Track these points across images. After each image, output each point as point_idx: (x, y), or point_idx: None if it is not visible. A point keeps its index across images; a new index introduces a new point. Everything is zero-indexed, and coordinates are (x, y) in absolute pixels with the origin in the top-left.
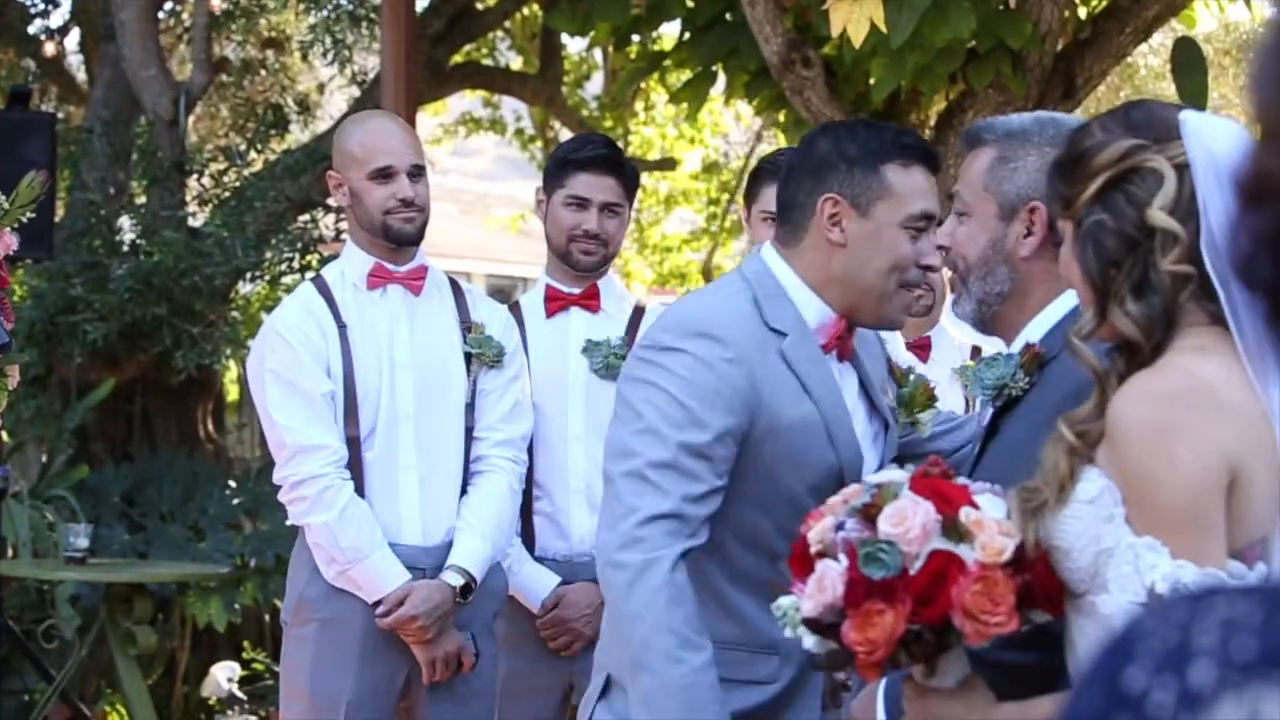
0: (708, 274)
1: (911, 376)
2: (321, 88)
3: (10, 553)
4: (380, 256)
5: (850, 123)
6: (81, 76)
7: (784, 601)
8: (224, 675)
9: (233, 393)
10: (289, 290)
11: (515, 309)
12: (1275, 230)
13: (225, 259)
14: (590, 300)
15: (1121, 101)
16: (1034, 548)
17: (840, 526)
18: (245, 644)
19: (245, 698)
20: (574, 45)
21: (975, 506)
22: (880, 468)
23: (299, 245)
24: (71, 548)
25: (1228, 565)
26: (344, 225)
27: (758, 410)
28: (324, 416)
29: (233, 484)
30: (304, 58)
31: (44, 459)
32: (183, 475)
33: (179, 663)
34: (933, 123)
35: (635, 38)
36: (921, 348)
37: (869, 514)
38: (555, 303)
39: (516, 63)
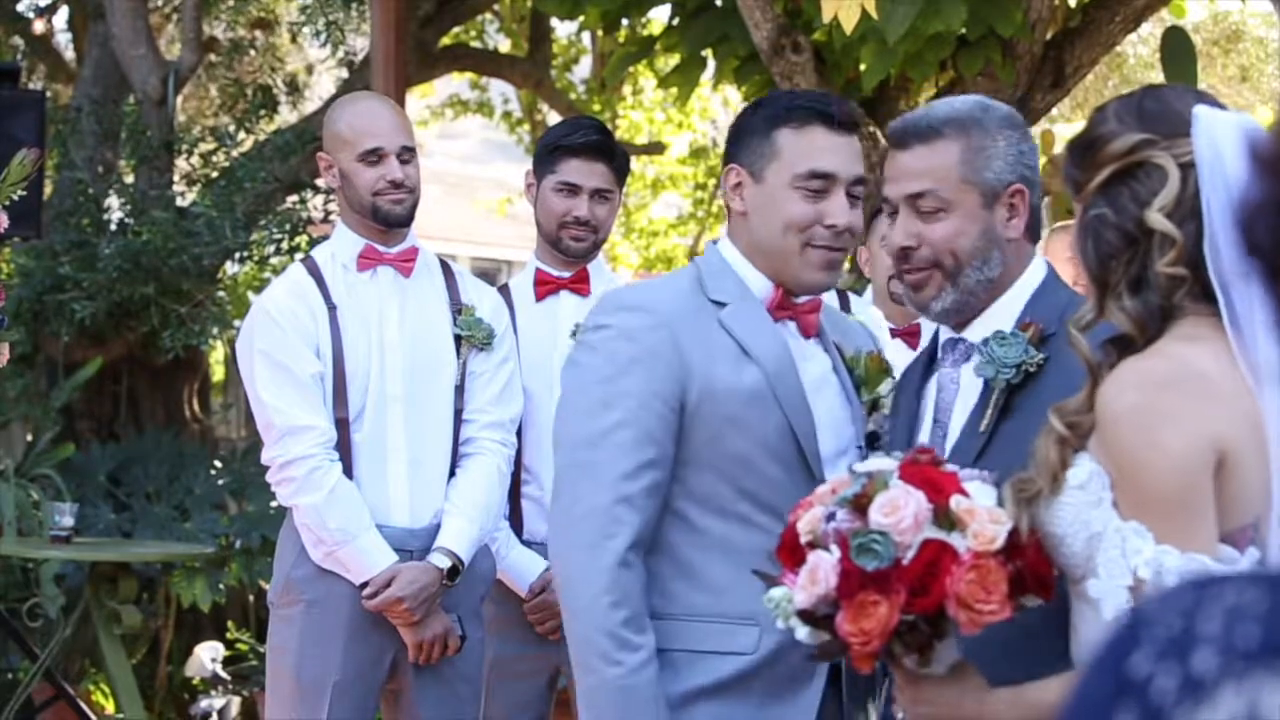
0: (694, 258)
1: (862, 356)
2: (310, 68)
3: None
4: (370, 238)
5: (770, 94)
6: (70, 55)
7: (775, 593)
8: (208, 655)
9: (219, 373)
10: (277, 271)
11: (505, 292)
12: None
13: (214, 239)
14: (580, 284)
15: (1110, 91)
16: (1027, 534)
17: (831, 517)
18: (230, 624)
19: (229, 678)
20: (563, 29)
21: (965, 494)
22: (857, 443)
23: (288, 226)
24: (56, 526)
25: (1219, 550)
26: (333, 207)
27: (688, 375)
28: (313, 398)
29: (218, 464)
30: (294, 39)
31: (29, 437)
32: (168, 455)
33: (163, 642)
34: None
35: (625, 22)
36: (911, 334)
37: (860, 504)
38: (545, 286)
39: (505, 45)
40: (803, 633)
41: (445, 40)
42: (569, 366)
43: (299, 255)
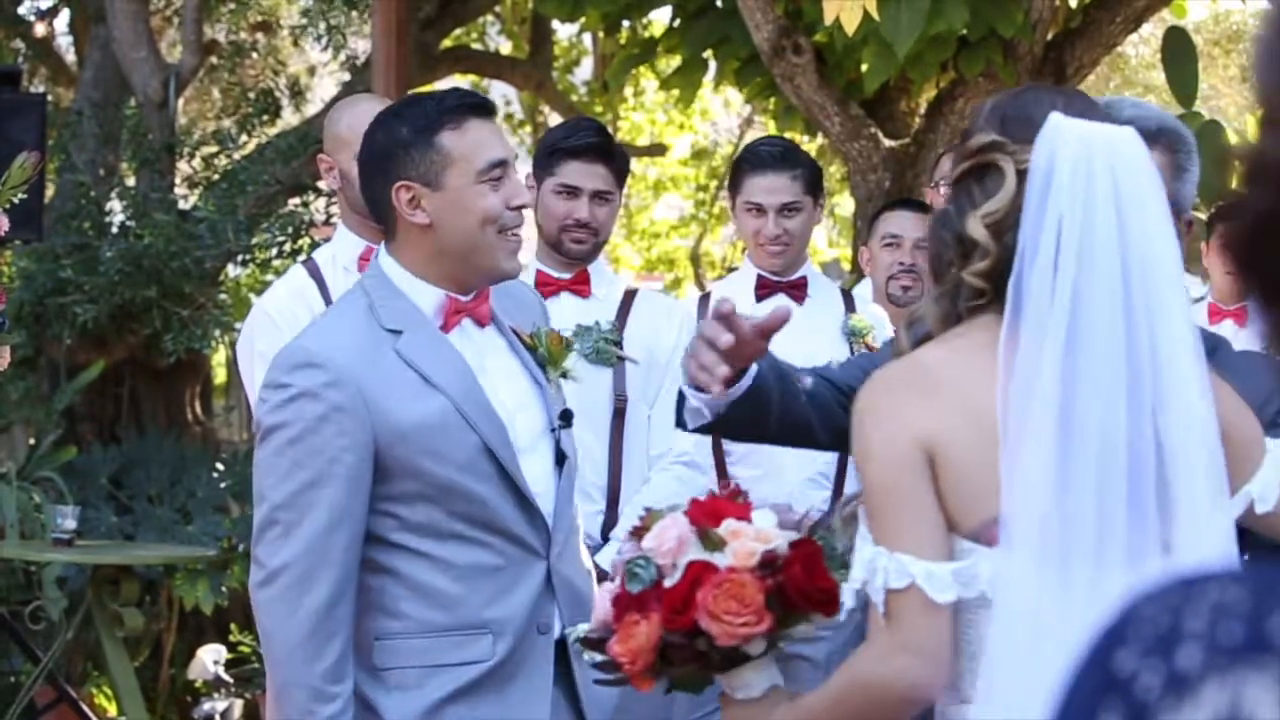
0: (696, 260)
1: (543, 335)
2: (312, 71)
3: None
4: (371, 239)
5: (394, 106)
6: (71, 58)
7: (571, 630)
8: (210, 658)
9: (221, 375)
10: (278, 273)
11: None
12: (1268, 212)
13: (216, 242)
14: (580, 285)
15: (1111, 92)
16: (801, 552)
17: (620, 551)
18: (232, 627)
19: (231, 680)
20: (564, 30)
21: (746, 521)
22: (550, 425)
23: (290, 229)
24: (59, 529)
25: (957, 545)
26: (335, 209)
27: (377, 421)
28: None
29: (220, 467)
30: (295, 42)
31: (31, 440)
32: (170, 457)
33: (165, 645)
34: (923, 110)
35: (626, 23)
36: None
37: (638, 535)
38: (545, 287)
39: (506, 47)
40: (588, 657)
41: (446, 42)
42: (263, 429)
43: (300, 258)
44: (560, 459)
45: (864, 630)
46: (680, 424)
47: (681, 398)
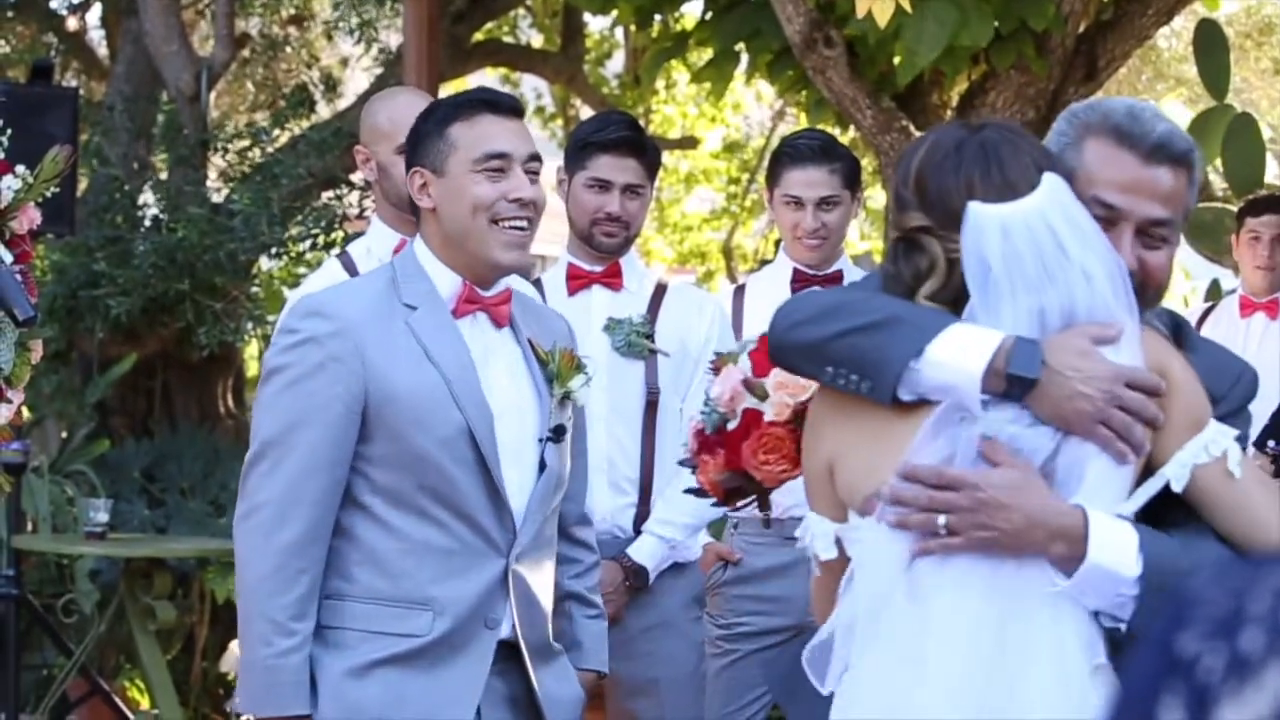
0: (728, 253)
1: (557, 352)
2: (345, 64)
3: (30, 527)
4: (407, 232)
5: (435, 101)
6: (103, 52)
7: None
8: None
9: (253, 368)
10: (311, 267)
11: (538, 286)
12: None
13: (251, 235)
14: (612, 278)
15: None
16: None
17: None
18: None
19: None
20: (596, 23)
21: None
22: (541, 435)
23: (324, 222)
24: (91, 522)
25: (851, 517)
26: (369, 202)
27: (371, 379)
28: None
29: None
30: (329, 36)
31: (64, 434)
32: (203, 451)
33: (198, 638)
34: (955, 103)
35: (658, 17)
36: None
37: (716, 371)
38: (577, 281)
39: (538, 40)
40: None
41: (478, 36)
42: (267, 369)
43: (334, 250)
44: (544, 469)
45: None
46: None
47: None
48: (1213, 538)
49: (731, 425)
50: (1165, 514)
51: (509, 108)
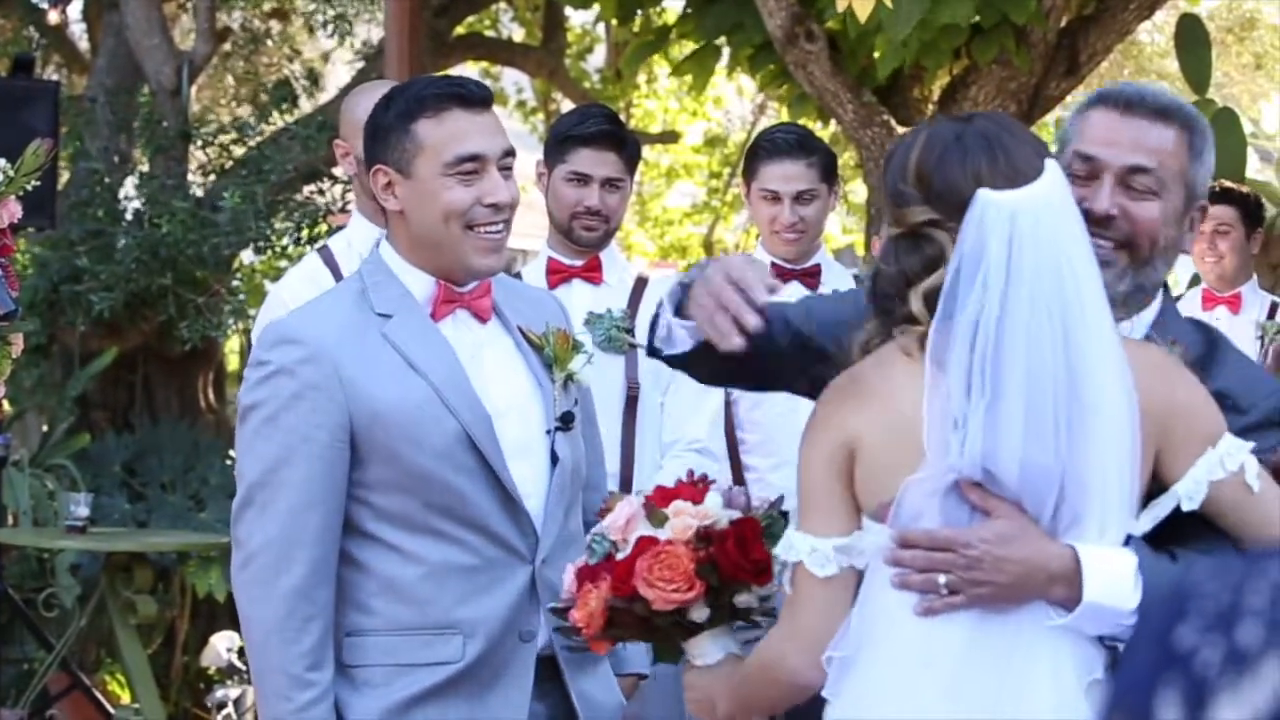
0: (709, 248)
1: (551, 335)
2: (326, 57)
3: (10, 521)
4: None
5: (392, 89)
6: (84, 45)
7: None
8: (224, 645)
9: (234, 363)
10: (292, 261)
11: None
12: None
13: (236, 230)
14: (592, 272)
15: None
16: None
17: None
18: None
19: (244, 668)
20: (577, 17)
21: (699, 502)
22: (545, 438)
23: (306, 216)
24: (72, 516)
25: (862, 521)
26: (350, 196)
27: (353, 401)
28: None
29: (233, 454)
30: (310, 30)
31: (45, 428)
32: (184, 445)
33: (179, 632)
34: (936, 98)
35: (639, 11)
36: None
37: (601, 515)
38: (557, 275)
39: (519, 34)
40: (555, 625)
41: (459, 29)
42: (242, 408)
43: (316, 245)
44: (556, 462)
45: None
46: (651, 352)
47: (653, 323)
48: (1234, 551)
49: (621, 556)
50: (1189, 530)
51: (480, 99)
